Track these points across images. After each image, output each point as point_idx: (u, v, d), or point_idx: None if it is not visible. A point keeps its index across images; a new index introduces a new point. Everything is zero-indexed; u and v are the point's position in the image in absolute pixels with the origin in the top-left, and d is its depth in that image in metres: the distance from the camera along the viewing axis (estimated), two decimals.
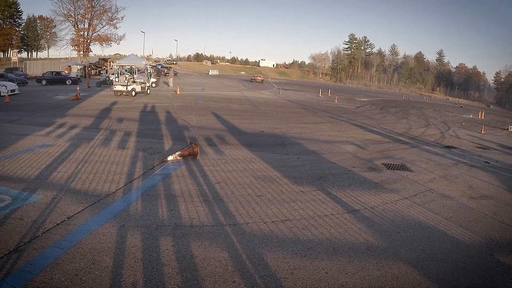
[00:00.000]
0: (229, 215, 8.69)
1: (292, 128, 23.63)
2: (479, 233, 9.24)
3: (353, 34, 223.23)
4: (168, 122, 22.02)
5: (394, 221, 9.37)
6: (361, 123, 30.45)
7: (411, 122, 36.23)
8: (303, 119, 29.68)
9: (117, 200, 9.18)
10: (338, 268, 6.76)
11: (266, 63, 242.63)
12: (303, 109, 37.47)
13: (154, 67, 73.60)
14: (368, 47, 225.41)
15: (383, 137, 23.72)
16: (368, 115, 38.90)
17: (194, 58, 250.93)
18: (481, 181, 14.67)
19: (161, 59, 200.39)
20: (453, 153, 20.47)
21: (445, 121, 41.24)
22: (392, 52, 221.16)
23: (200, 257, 6.63)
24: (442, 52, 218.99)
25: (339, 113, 36.59)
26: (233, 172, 12.36)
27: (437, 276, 6.86)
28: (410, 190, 12.33)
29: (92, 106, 27.25)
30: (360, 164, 15.28)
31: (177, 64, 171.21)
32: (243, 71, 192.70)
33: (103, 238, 7.07)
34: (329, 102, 50.32)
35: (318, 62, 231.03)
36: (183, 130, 19.65)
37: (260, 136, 19.96)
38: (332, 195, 10.87)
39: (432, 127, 33.76)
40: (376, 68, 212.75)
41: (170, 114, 25.30)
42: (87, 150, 13.78)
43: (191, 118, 24.16)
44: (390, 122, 34.01)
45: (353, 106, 49.59)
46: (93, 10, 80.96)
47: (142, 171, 11.65)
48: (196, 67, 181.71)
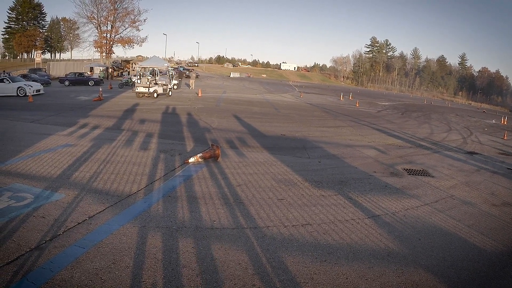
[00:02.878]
0: (250, 218, 8.69)
1: (313, 132, 23.61)
2: (501, 241, 9.09)
3: (375, 37, 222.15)
4: (189, 124, 22.12)
5: (415, 228, 9.28)
6: (383, 128, 30.30)
7: (433, 127, 35.96)
8: (324, 122, 29.62)
9: (138, 200, 9.23)
10: (358, 274, 6.71)
11: (287, 66, 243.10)
12: (324, 113, 37.40)
13: (175, 69, 74.01)
14: (389, 50, 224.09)
15: (405, 142, 23.58)
16: (390, 119, 38.70)
17: (215, 61, 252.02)
18: (503, 188, 14.49)
19: (182, 61, 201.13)
20: (475, 159, 20.27)
21: (467, 126, 40.87)
22: (414, 55, 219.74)
23: (220, 260, 6.63)
24: (465, 56, 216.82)
25: (360, 117, 36.45)
26: (254, 175, 12.36)
27: (458, 284, 6.77)
28: (431, 196, 12.20)
29: (114, 107, 27.49)
30: (381, 169, 15.20)
31: (198, 66, 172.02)
32: (264, 74, 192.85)
33: (123, 238, 7.10)
34: (350, 106, 50.16)
35: (339, 66, 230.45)
36: (204, 132, 19.72)
37: (281, 139, 19.93)
38: (353, 200, 10.81)
39: (454, 132, 33.48)
40: (398, 72, 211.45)
41: (191, 116, 25.43)
42: (109, 151, 13.89)
43: (213, 120, 24.26)
44: (412, 127, 33.78)
45: (375, 110, 49.36)
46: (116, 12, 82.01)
47: (164, 173, 11.70)
48: (218, 70, 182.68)
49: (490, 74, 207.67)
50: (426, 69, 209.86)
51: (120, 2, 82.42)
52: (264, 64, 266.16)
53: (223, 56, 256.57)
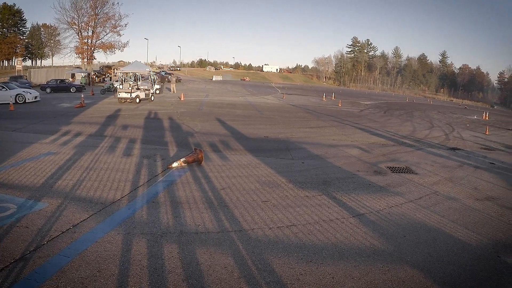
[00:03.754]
0: (235, 221, 8.68)
1: (297, 133, 23.66)
2: (485, 234, 9.20)
3: (356, 37, 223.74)
4: (172, 128, 22.09)
5: (399, 225, 9.35)
6: (365, 127, 30.46)
7: (415, 124, 36.20)
8: (307, 123, 29.74)
9: (122, 207, 9.19)
10: (344, 272, 6.73)
11: (269, 68, 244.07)
12: (307, 114, 37.54)
13: (157, 74, 73.84)
14: (371, 50, 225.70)
15: (388, 140, 23.72)
16: (372, 118, 38.93)
17: (197, 64, 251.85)
18: (486, 182, 14.64)
19: (164, 65, 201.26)
20: (458, 155, 20.43)
21: (450, 122, 41.18)
22: (395, 54, 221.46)
23: (205, 264, 6.62)
24: (445, 54, 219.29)
25: (343, 117, 36.63)
26: (238, 178, 12.35)
27: (444, 279, 6.83)
28: (415, 193, 12.31)
29: (97, 114, 27.38)
30: (365, 167, 15.27)
31: (180, 70, 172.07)
32: (246, 76, 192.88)
33: (108, 246, 7.06)
34: (333, 106, 50.35)
35: (321, 66, 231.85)
36: (187, 136, 19.70)
37: (264, 141, 19.98)
38: (337, 199, 10.86)
39: (436, 129, 33.72)
40: (380, 71, 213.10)
41: (174, 120, 25.39)
42: (92, 158, 13.82)
43: (195, 124, 24.22)
44: (395, 125, 34.00)
45: (357, 109, 49.62)
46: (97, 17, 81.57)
47: (147, 178, 11.66)
48: (200, 73, 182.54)
49: (471, 70, 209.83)
50: (408, 68, 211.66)
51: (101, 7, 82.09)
52: (246, 66, 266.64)
53: (205, 60, 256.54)
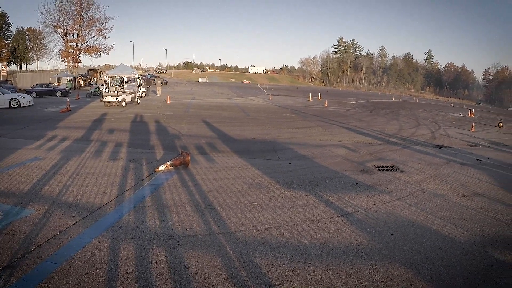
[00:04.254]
0: (222, 223, 8.67)
1: (283, 134, 23.71)
2: (472, 230, 9.28)
3: (342, 38, 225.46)
4: (158, 131, 22.02)
5: (387, 223, 9.40)
6: (352, 126, 30.55)
7: (401, 123, 36.39)
8: (293, 124, 29.77)
9: (109, 212, 9.13)
10: (332, 272, 6.75)
11: (255, 69, 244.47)
12: (293, 114, 37.59)
13: (144, 77, 73.63)
14: (356, 49, 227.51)
15: (374, 139, 23.82)
16: (359, 117, 39.07)
17: (184, 67, 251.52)
18: (473, 178, 14.76)
19: (150, 68, 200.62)
20: (444, 152, 20.56)
21: (436, 120, 41.42)
22: (381, 54, 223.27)
23: (193, 267, 6.60)
24: (431, 52, 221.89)
25: (329, 117, 36.73)
26: (225, 180, 12.34)
27: (432, 275, 6.88)
28: (402, 191, 12.38)
29: (83, 118, 27.22)
30: (351, 167, 15.32)
31: (166, 73, 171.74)
32: (232, 78, 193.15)
33: (96, 251, 7.01)
34: (319, 106, 50.46)
35: (307, 67, 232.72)
36: (174, 139, 19.63)
37: (251, 143, 19.99)
38: (324, 199, 10.89)
39: (422, 127, 33.92)
40: (366, 71, 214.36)
41: (160, 123, 25.31)
42: (78, 163, 13.73)
43: (182, 127, 24.15)
44: (381, 124, 34.16)
45: (343, 109, 49.76)
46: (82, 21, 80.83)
47: (134, 182, 11.61)
48: (186, 75, 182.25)
49: (456, 69, 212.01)
50: (393, 67, 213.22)
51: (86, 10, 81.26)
52: (232, 68, 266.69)
53: (191, 62, 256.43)
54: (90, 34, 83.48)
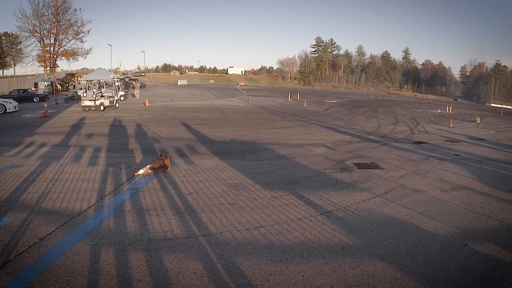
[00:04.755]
0: (202, 225, 8.66)
1: (263, 134, 23.75)
2: (452, 224, 9.45)
3: (320, 37, 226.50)
4: (137, 135, 21.90)
5: (367, 220, 9.49)
6: (331, 125, 30.72)
7: (380, 120, 36.68)
8: (273, 124, 29.84)
9: (89, 218, 9.05)
10: (314, 270, 6.78)
11: (234, 70, 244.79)
12: (272, 115, 37.69)
13: (122, 80, 73.19)
14: (335, 49, 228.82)
15: (353, 137, 23.98)
16: (338, 116, 39.29)
17: (162, 69, 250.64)
18: (451, 173, 14.96)
19: (129, 71, 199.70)
20: (423, 148, 20.80)
21: (414, 117, 41.84)
22: (359, 52, 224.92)
23: (174, 270, 6.58)
24: (408, 50, 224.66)
25: (308, 116, 36.91)
26: (204, 182, 12.32)
27: (413, 270, 6.96)
28: (382, 187, 12.52)
29: (61, 123, 26.94)
30: (331, 165, 15.41)
31: (145, 76, 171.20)
32: (211, 79, 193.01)
33: (76, 258, 6.95)
34: (298, 106, 50.64)
35: (286, 67, 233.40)
36: (153, 142, 19.55)
37: (230, 144, 19.97)
38: (304, 198, 10.94)
39: (401, 124, 34.23)
40: (344, 70, 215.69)
41: (139, 127, 25.17)
42: (57, 169, 13.60)
43: (161, 129, 24.05)
44: (360, 122, 34.41)
45: (322, 108, 49.98)
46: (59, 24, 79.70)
47: (113, 187, 11.52)
48: (165, 78, 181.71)
49: (433, 66, 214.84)
50: (371, 65, 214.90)
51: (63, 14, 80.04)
52: (211, 69, 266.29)
53: (170, 64, 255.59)
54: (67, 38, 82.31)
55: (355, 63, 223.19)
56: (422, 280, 6.63)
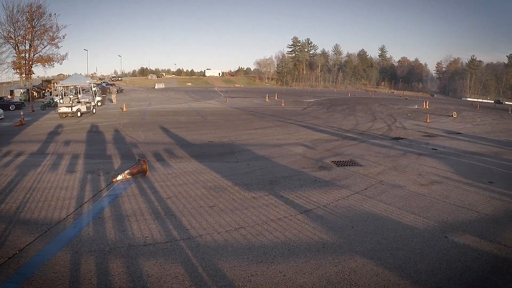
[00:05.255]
0: (183, 229, 8.64)
1: (241, 135, 23.75)
2: (432, 217, 9.63)
3: (296, 37, 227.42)
4: (115, 140, 21.75)
5: (347, 217, 9.59)
6: (309, 124, 30.84)
7: (358, 118, 36.92)
8: (251, 125, 29.84)
9: (68, 226, 8.96)
10: (295, 269, 6.83)
11: (211, 73, 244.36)
12: (250, 115, 37.66)
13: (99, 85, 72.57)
14: (311, 48, 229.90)
15: (331, 136, 24.10)
16: (316, 115, 39.42)
17: (139, 73, 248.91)
18: (430, 167, 15.17)
19: (105, 76, 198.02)
20: (401, 144, 21.00)
21: (391, 114, 42.16)
22: (336, 51, 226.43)
23: (156, 276, 6.57)
24: (384, 48, 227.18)
25: (286, 116, 37.00)
26: (183, 185, 12.28)
27: (394, 264, 7.08)
28: (361, 184, 12.66)
29: (38, 131, 26.63)
30: (310, 164, 15.48)
31: (122, 80, 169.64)
32: (189, 82, 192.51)
33: (57, 267, 6.88)
34: (276, 106, 50.71)
35: (263, 68, 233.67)
36: (131, 147, 19.43)
37: (209, 147, 19.93)
38: (284, 198, 10.99)
39: (379, 121, 34.50)
40: (321, 69, 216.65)
41: (117, 132, 25.00)
42: (35, 177, 13.43)
43: (139, 134, 23.91)
44: (338, 120, 34.60)
45: (300, 107, 50.12)
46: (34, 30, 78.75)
47: (92, 194, 11.42)
48: (142, 82, 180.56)
49: (409, 63, 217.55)
50: (348, 64, 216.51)
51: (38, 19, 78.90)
52: (188, 72, 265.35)
53: (147, 68, 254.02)
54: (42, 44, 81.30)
55: (332, 62, 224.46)
56: (403, 274, 6.73)
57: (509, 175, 14.89)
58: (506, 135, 28.67)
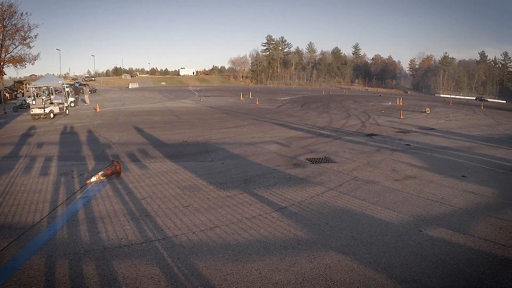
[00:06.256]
0: (157, 229, 8.61)
1: (215, 134, 23.72)
2: (406, 212, 9.79)
3: (270, 35, 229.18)
4: (89, 141, 21.55)
5: (322, 213, 9.66)
6: (283, 122, 30.97)
7: (332, 115, 37.15)
8: (225, 124, 29.82)
9: (42, 230, 8.84)
10: (270, 267, 6.86)
11: (186, 72, 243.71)
12: (225, 114, 37.66)
13: (72, 86, 71.81)
14: (285, 46, 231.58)
15: (306, 133, 24.24)
16: (290, 113, 39.59)
17: (113, 73, 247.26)
18: (403, 163, 15.39)
19: (79, 76, 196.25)
20: (375, 140, 21.23)
21: (365, 110, 42.54)
22: (310, 49, 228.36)
23: (131, 277, 6.53)
24: (358, 46, 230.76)
25: (261, 114, 37.13)
26: (158, 185, 12.23)
27: (369, 259, 7.16)
28: (335, 181, 12.76)
29: (10, 133, 26.25)
30: (284, 162, 15.55)
31: (96, 80, 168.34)
32: (163, 81, 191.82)
33: (31, 272, 6.79)
34: (251, 105, 50.78)
35: (237, 66, 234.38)
36: (105, 148, 19.26)
37: (183, 146, 19.88)
38: (258, 196, 11.03)
39: (353, 117, 34.79)
40: (295, 67, 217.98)
41: (91, 133, 24.75)
42: (8, 181, 13.23)
43: (113, 135, 23.71)
44: (312, 118, 34.79)
45: (275, 105, 50.27)
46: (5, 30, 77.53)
47: (66, 197, 11.29)
48: (116, 82, 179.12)
49: (383, 60, 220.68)
50: (322, 61, 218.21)
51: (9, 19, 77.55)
52: (162, 71, 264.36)
53: (121, 68, 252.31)
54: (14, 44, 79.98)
55: (306, 60, 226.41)
56: (378, 268, 6.81)
57: (482, 169, 15.19)
58: (478, 130, 29.25)
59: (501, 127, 34.33)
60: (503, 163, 16.68)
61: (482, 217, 9.69)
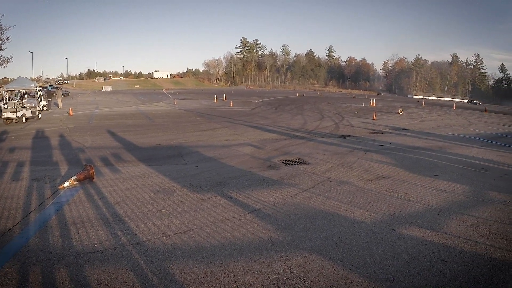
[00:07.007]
0: (131, 234, 8.57)
1: (189, 137, 23.67)
2: (379, 212, 9.93)
3: (245, 38, 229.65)
4: (62, 146, 21.32)
5: (295, 214, 9.74)
6: (257, 124, 31.07)
7: (306, 117, 37.38)
8: (199, 127, 29.79)
9: (15, 236, 8.72)
10: (244, 269, 6.89)
11: (160, 74, 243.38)
12: (199, 117, 37.60)
13: (44, 89, 71.01)
14: (260, 49, 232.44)
15: (280, 135, 24.36)
16: (264, 115, 39.74)
17: (86, 76, 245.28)
18: (376, 163, 15.58)
19: (51, 79, 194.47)
20: (348, 141, 21.43)
21: (339, 112, 42.88)
22: (284, 52, 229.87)
23: (105, 283, 6.49)
24: (332, 48, 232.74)
25: (235, 117, 37.18)
26: (131, 189, 12.17)
27: (343, 258, 7.24)
28: (309, 182, 12.85)
29: None
30: (258, 164, 15.61)
31: (69, 84, 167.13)
32: (137, 84, 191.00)
33: (4, 280, 6.70)
34: (225, 107, 50.86)
35: (212, 69, 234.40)
36: (78, 152, 19.08)
37: (156, 150, 19.80)
38: (232, 198, 11.06)
39: (326, 119, 35.05)
40: (270, 69, 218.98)
41: (63, 137, 24.51)
42: None
43: (86, 139, 23.48)
44: (286, 120, 34.98)
45: (249, 108, 50.41)
46: None
47: (39, 202, 11.14)
48: (89, 85, 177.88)
49: (356, 62, 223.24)
50: (297, 64, 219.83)
51: None
52: (136, 74, 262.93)
53: (94, 70, 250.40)
54: None
55: (280, 62, 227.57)
56: (352, 268, 6.89)
57: (454, 168, 15.47)
58: (450, 130, 29.76)
59: (473, 127, 35.06)
60: (475, 161, 17.06)
61: (455, 215, 9.89)
